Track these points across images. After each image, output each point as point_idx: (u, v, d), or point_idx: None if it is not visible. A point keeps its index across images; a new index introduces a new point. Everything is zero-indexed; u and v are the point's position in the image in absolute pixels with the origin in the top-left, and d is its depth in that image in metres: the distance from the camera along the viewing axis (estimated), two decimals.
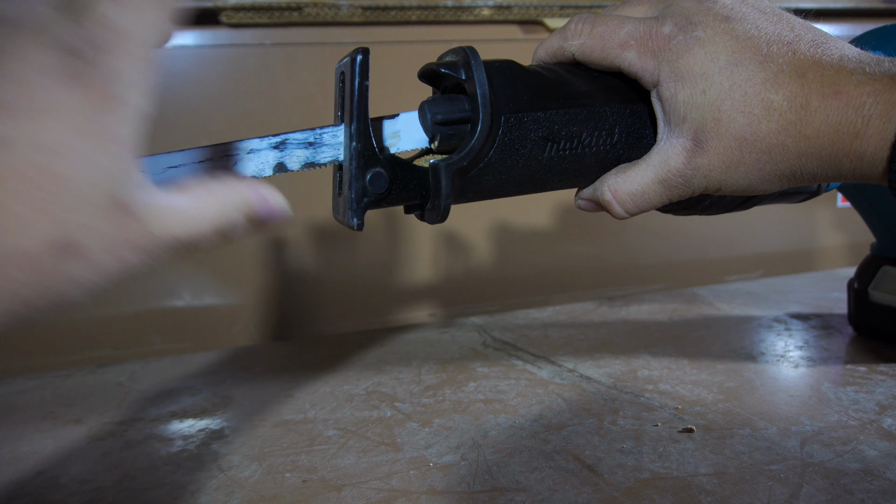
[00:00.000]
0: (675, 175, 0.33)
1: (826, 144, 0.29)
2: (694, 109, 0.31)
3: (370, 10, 0.70)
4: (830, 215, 0.95)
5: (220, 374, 0.55)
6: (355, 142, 0.30)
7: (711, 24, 0.31)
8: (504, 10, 0.74)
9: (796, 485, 0.34)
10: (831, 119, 0.29)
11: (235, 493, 0.36)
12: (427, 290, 0.78)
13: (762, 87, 0.30)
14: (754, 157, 0.31)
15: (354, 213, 0.31)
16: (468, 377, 0.51)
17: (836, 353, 0.53)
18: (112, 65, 0.22)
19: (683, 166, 0.32)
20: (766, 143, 0.30)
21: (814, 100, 0.29)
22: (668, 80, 0.32)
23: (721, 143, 0.31)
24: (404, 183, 0.32)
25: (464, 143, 0.32)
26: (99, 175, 0.22)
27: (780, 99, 0.30)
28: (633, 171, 0.34)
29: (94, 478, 0.38)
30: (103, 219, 0.22)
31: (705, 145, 0.31)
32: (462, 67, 0.32)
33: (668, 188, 0.33)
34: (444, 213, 0.32)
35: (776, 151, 0.30)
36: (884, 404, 0.43)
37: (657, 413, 0.43)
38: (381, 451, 0.40)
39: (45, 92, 0.21)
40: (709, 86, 0.31)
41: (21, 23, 0.21)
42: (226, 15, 0.67)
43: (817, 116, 0.29)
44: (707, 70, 0.31)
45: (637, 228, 0.86)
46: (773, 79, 0.30)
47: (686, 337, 0.58)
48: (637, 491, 0.34)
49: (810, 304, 0.67)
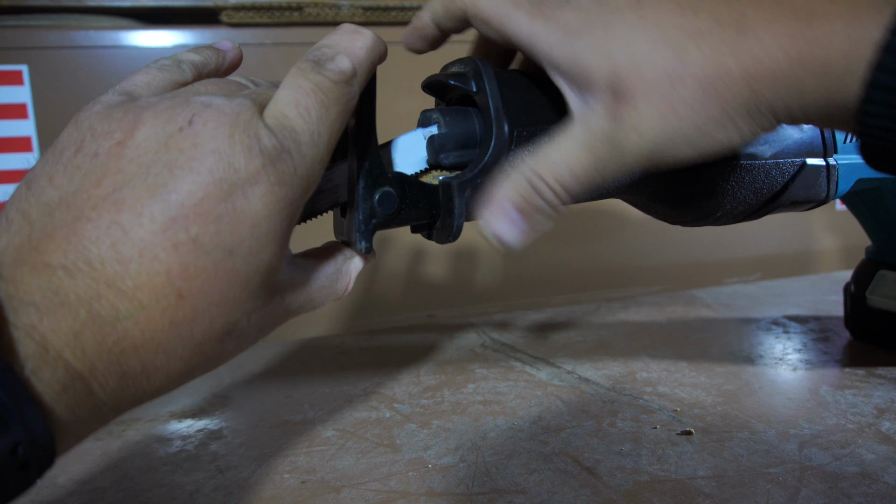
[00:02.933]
0: (601, 137, 0.26)
1: (778, 57, 0.23)
2: (600, 57, 0.25)
3: (371, 10, 0.70)
4: (828, 218, 0.95)
5: (218, 375, 0.55)
6: (362, 160, 0.28)
7: None
8: None
9: (795, 488, 0.34)
10: (777, 27, 0.23)
11: (234, 493, 0.36)
12: (426, 291, 0.78)
13: (677, 13, 0.25)
14: (692, 94, 0.24)
15: (363, 235, 0.29)
16: (467, 379, 0.51)
17: (834, 357, 0.53)
18: (284, 169, 0.23)
19: (607, 123, 0.26)
20: (703, 72, 0.24)
21: (749, 10, 0.24)
22: (562, 42, 0.26)
23: (645, 85, 0.25)
24: (413, 202, 0.30)
25: (476, 159, 0.30)
26: (261, 266, 0.23)
27: (705, 19, 0.24)
28: (549, 145, 0.27)
29: (93, 478, 0.38)
30: (260, 302, 0.24)
31: (627, 93, 0.25)
32: (472, 79, 0.30)
33: (596, 156, 0.26)
34: (455, 233, 0.31)
35: (718, 82, 0.24)
36: (882, 408, 0.43)
37: (656, 415, 0.43)
38: (380, 452, 0.40)
39: (239, 198, 0.23)
40: (610, 27, 0.25)
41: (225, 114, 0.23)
42: (226, 14, 0.67)
43: (759, 27, 0.23)
44: (607, 19, 0.26)
45: (635, 230, 0.86)
46: (689, 4, 0.25)
47: (685, 339, 0.59)
48: (636, 493, 0.34)
49: (808, 307, 0.68)
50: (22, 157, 0.64)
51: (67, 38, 0.65)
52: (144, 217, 0.21)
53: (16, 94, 0.64)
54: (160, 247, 0.21)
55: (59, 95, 0.65)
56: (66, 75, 0.65)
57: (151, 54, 0.67)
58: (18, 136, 0.64)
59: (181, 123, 0.22)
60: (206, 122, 0.22)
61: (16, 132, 0.64)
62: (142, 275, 0.21)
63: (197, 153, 0.22)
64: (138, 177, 0.21)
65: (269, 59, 0.69)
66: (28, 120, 0.64)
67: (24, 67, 0.64)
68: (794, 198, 0.39)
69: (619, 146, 0.26)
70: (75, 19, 0.67)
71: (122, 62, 0.66)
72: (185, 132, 0.22)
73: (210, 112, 0.22)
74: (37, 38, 0.64)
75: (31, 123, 0.65)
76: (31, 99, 0.64)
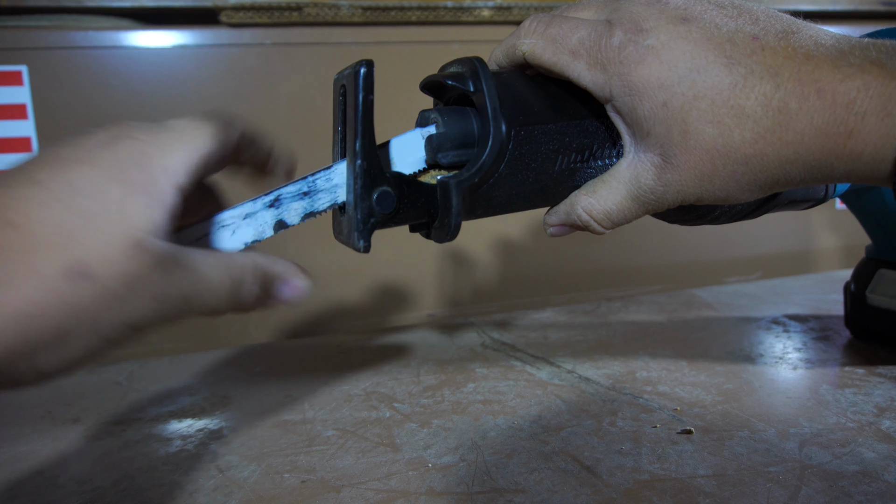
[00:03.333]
0: (647, 192, 0.31)
1: (812, 148, 0.26)
2: (657, 124, 0.29)
3: (370, 10, 0.70)
4: (828, 217, 0.95)
5: (218, 375, 0.55)
6: (360, 160, 0.28)
7: (665, 28, 0.28)
8: (504, 11, 0.75)
9: (795, 487, 0.34)
10: (816, 121, 0.26)
11: (234, 493, 0.36)
12: (426, 290, 0.78)
13: (730, 92, 0.27)
14: (730, 169, 0.28)
15: (361, 234, 0.29)
16: (467, 378, 0.51)
17: (834, 355, 0.53)
18: (155, 143, 0.25)
19: (654, 183, 0.30)
20: (740, 154, 0.28)
21: (792, 102, 0.26)
22: (621, 94, 0.29)
23: (691, 157, 0.28)
24: (411, 201, 0.30)
25: (474, 159, 0.30)
26: (122, 216, 0.23)
27: (753, 104, 0.27)
28: (604, 189, 0.32)
29: (93, 478, 0.38)
30: (120, 253, 0.24)
31: (674, 160, 0.29)
32: (470, 79, 0.30)
33: (641, 204, 0.31)
34: (454, 232, 0.31)
35: (754, 161, 0.28)
36: (882, 406, 0.43)
37: (656, 414, 0.43)
38: (380, 451, 0.40)
39: (86, 150, 0.24)
40: (670, 98, 0.28)
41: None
42: (226, 14, 0.67)
43: (799, 119, 0.26)
44: (665, 81, 0.28)
45: (635, 230, 0.86)
46: (743, 82, 0.27)
47: (685, 338, 0.59)
48: (636, 492, 0.34)
49: (808, 306, 0.67)
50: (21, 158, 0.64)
51: (67, 39, 0.65)
52: None
53: (15, 95, 0.64)
54: None
55: (59, 96, 0.65)
56: (65, 76, 0.65)
57: (151, 55, 0.67)
58: (18, 136, 0.65)
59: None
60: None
61: (15, 132, 0.64)
62: None
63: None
64: None
65: (269, 59, 0.69)
66: (28, 120, 0.65)
67: (24, 68, 0.64)
68: (793, 197, 0.39)
69: (661, 199, 0.31)
70: (75, 20, 0.67)
71: (122, 62, 0.66)
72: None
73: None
74: (36, 39, 0.64)
75: (30, 124, 0.65)
76: (30, 99, 0.65)
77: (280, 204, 0.29)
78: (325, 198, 0.30)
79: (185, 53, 0.68)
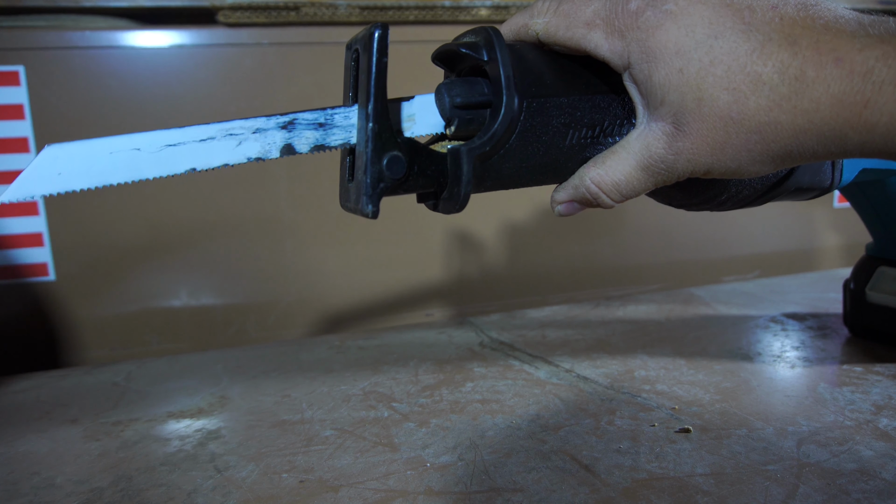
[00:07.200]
0: (657, 161, 0.30)
1: (827, 117, 0.26)
2: (671, 91, 0.28)
3: (368, 9, 0.70)
4: (827, 216, 0.95)
5: (216, 375, 0.55)
6: (372, 122, 0.28)
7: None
8: (502, 10, 0.75)
9: (793, 485, 0.34)
10: (833, 89, 0.26)
11: (232, 493, 0.36)
12: (424, 290, 0.78)
13: (747, 59, 0.27)
14: (743, 138, 0.28)
15: (370, 199, 0.28)
16: (465, 377, 0.51)
17: (832, 354, 0.53)
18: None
19: (665, 151, 0.30)
20: (755, 122, 0.27)
21: (810, 69, 0.26)
22: (639, 61, 0.29)
23: (704, 124, 0.28)
24: (422, 169, 0.30)
25: (486, 128, 0.30)
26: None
27: (770, 71, 0.27)
28: (613, 159, 0.31)
29: (91, 478, 0.38)
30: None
31: (687, 128, 0.29)
32: (484, 48, 0.30)
33: (651, 174, 0.31)
34: (462, 202, 0.31)
35: (768, 130, 0.27)
36: (880, 405, 0.43)
37: (654, 413, 0.43)
38: (379, 451, 0.40)
39: None
40: (686, 63, 0.28)
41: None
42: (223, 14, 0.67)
43: (816, 87, 0.26)
44: (682, 46, 0.28)
45: (634, 228, 0.86)
46: (760, 49, 0.27)
47: (683, 337, 0.59)
48: (634, 491, 0.34)
49: (807, 305, 0.68)
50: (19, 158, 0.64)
51: (64, 39, 0.65)
52: None
53: (12, 95, 0.64)
54: None
55: (56, 96, 0.65)
56: (62, 76, 0.65)
57: (148, 55, 0.67)
58: (15, 136, 0.64)
59: None
60: None
61: (12, 133, 0.64)
62: None
63: None
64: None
65: (267, 58, 0.69)
66: (25, 120, 0.64)
67: (21, 68, 0.64)
68: (800, 184, 0.38)
69: (671, 169, 0.30)
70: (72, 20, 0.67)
71: (119, 62, 0.66)
72: None
73: None
74: (33, 39, 0.64)
75: (27, 124, 0.65)
76: (27, 99, 0.64)
77: (294, 127, 0.29)
78: (339, 135, 0.30)
79: (183, 53, 0.68)
